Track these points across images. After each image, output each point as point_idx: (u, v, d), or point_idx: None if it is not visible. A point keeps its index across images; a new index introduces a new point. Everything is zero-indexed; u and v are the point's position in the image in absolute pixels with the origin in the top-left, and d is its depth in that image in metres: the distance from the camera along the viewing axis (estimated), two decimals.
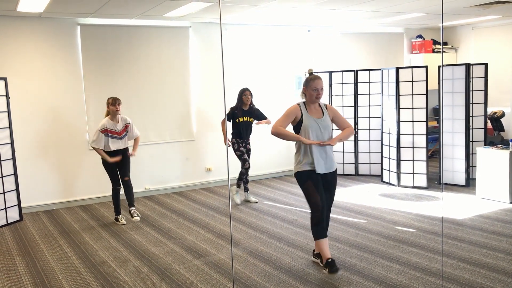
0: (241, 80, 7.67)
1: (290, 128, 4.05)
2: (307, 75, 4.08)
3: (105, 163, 5.66)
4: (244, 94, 6.22)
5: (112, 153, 5.61)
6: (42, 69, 6.39)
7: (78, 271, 4.30)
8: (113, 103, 5.55)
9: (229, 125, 6.59)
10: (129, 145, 5.88)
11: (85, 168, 6.70)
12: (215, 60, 7.44)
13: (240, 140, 6.32)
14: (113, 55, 6.78)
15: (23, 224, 5.88)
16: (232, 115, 6.26)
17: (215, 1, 5.50)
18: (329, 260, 3.97)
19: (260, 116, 6.36)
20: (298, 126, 4.05)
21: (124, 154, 5.74)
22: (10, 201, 5.87)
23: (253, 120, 6.33)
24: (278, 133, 3.99)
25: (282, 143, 6.90)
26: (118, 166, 5.72)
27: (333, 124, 4.24)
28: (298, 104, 4.11)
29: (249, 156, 6.41)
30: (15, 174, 5.93)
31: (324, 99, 8.00)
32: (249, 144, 6.44)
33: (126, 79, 6.89)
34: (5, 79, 5.80)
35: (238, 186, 6.45)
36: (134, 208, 5.90)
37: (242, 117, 6.24)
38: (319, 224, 4.02)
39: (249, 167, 6.33)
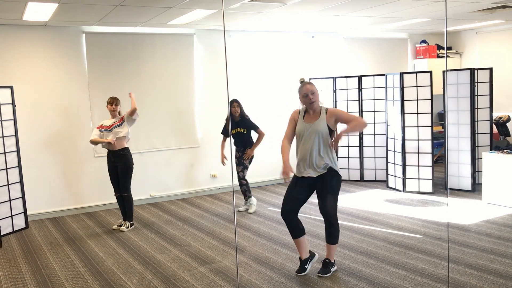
0: (245, 87, 7.69)
1: None
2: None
3: (108, 170, 5.79)
4: (232, 106, 6.14)
5: (110, 152, 5.76)
6: (48, 77, 6.44)
7: (83, 278, 4.31)
8: (110, 103, 5.68)
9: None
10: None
11: (91, 176, 6.73)
12: (219, 67, 7.47)
13: (237, 149, 6.32)
14: (118, 62, 6.82)
15: (29, 232, 5.90)
16: (225, 130, 6.36)
17: (218, 8, 5.53)
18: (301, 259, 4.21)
19: (250, 127, 6.21)
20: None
21: (121, 163, 5.72)
22: (16, 208, 5.90)
23: (245, 131, 6.20)
24: (281, 150, 4.11)
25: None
26: (118, 177, 5.78)
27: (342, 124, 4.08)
28: (299, 110, 4.19)
29: (249, 163, 6.31)
30: (21, 181, 5.96)
31: (328, 105, 8.01)
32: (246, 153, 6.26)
33: (131, 87, 6.91)
34: (11, 87, 5.84)
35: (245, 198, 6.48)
36: (127, 221, 5.84)
37: (234, 128, 6.20)
38: (287, 225, 4.11)
39: (242, 178, 6.27)
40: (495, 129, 7.73)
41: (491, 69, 7.02)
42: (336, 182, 4.03)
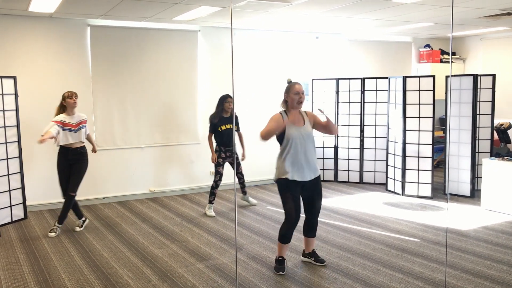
0: (248, 85, 7.70)
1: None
2: (287, 84, 4.21)
3: (58, 167, 5.40)
4: (226, 101, 6.02)
5: (69, 150, 5.33)
6: (51, 69, 6.44)
7: (81, 270, 4.31)
8: (70, 96, 5.28)
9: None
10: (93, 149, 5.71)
11: (90, 169, 6.66)
12: (223, 64, 7.47)
13: (223, 149, 6.12)
14: (122, 56, 6.82)
15: (27, 222, 5.90)
16: (214, 125, 6.08)
17: (224, 5, 5.53)
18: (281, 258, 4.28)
19: (237, 124, 6.30)
20: (281, 135, 4.10)
21: (79, 160, 5.40)
22: (15, 199, 5.90)
23: (235, 128, 6.21)
24: (265, 133, 4.00)
25: None
26: (70, 174, 5.38)
27: (317, 129, 4.29)
28: (280, 113, 4.17)
29: (239, 164, 6.27)
30: (21, 172, 5.96)
31: (330, 106, 8.05)
32: (236, 152, 6.31)
33: (134, 81, 6.92)
34: (14, 78, 5.84)
35: (210, 202, 6.18)
36: (81, 220, 5.64)
37: (224, 124, 6.04)
38: (290, 231, 4.18)
39: (240, 172, 6.26)
40: (496, 136, 7.74)
41: (494, 76, 7.02)
42: (321, 186, 4.30)
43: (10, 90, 5.79)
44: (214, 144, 6.21)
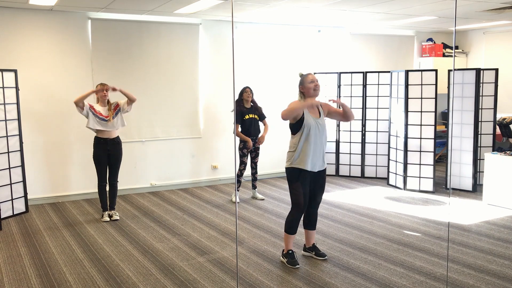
0: (249, 79, 7.67)
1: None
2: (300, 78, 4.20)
3: (95, 158, 5.55)
4: (244, 91, 6.31)
5: (107, 141, 5.50)
6: (52, 62, 6.42)
7: (82, 264, 4.32)
8: (101, 89, 5.49)
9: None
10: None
11: (91, 162, 6.69)
12: (224, 57, 7.45)
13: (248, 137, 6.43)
14: (123, 50, 6.79)
15: (28, 216, 5.91)
16: (240, 112, 6.29)
17: None
18: (290, 251, 4.30)
19: (261, 116, 6.43)
20: (297, 124, 4.07)
21: (116, 149, 5.58)
22: (17, 192, 5.91)
23: (258, 118, 6.40)
24: (289, 110, 3.93)
25: (288, 143, 6.89)
26: (109, 164, 5.61)
27: (333, 118, 4.38)
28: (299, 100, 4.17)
29: (257, 154, 6.53)
30: (22, 166, 5.97)
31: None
32: (257, 141, 6.51)
33: (135, 74, 6.90)
34: (15, 71, 5.83)
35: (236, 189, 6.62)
36: (114, 210, 5.77)
37: (248, 114, 6.31)
38: (297, 220, 4.21)
39: (256, 164, 6.57)
40: (498, 130, 7.71)
41: (496, 70, 6.99)
42: (325, 179, 4.37)
43: (11, 83, 5.78)
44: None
